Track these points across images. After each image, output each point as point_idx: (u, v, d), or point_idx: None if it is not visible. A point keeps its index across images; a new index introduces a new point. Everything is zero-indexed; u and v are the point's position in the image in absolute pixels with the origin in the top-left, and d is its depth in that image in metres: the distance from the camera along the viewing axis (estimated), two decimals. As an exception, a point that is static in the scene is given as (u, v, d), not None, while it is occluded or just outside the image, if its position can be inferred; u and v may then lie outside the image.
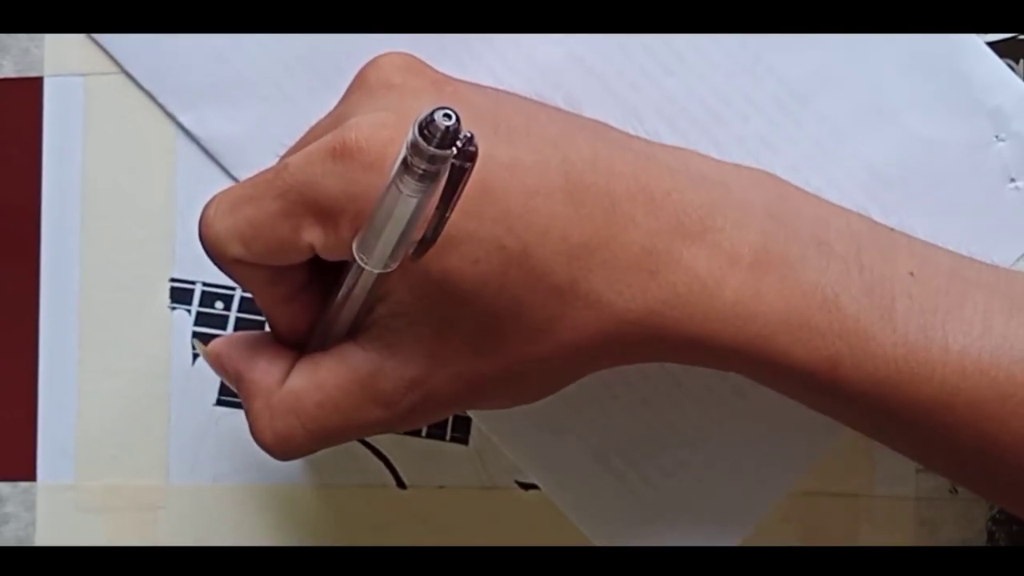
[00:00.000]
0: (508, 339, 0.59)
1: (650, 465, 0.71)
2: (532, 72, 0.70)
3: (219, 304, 0.73)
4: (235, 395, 0.71)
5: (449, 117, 0.50)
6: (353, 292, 0.59)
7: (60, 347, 0.73)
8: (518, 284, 0.58)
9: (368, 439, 0.73)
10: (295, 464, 0.73)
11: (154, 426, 0.73)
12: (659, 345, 0.60)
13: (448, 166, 0.52)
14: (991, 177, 0.70)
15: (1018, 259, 0.70)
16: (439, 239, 0.55)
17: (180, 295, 0.73)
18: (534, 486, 0.73)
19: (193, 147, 0.72)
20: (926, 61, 0.70)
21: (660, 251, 0.59)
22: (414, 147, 0.51)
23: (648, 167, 0.60)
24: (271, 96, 0.71)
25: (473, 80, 0.68)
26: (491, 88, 0.66)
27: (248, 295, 0.72)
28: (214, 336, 0.71)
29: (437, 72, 0.63)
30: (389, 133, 0.56)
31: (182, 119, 0.72)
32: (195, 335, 0.73)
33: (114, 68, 0.72)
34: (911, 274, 0.61)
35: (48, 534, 0.73)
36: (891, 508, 0.72)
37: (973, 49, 0.70)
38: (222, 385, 0.73)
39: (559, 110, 0.65)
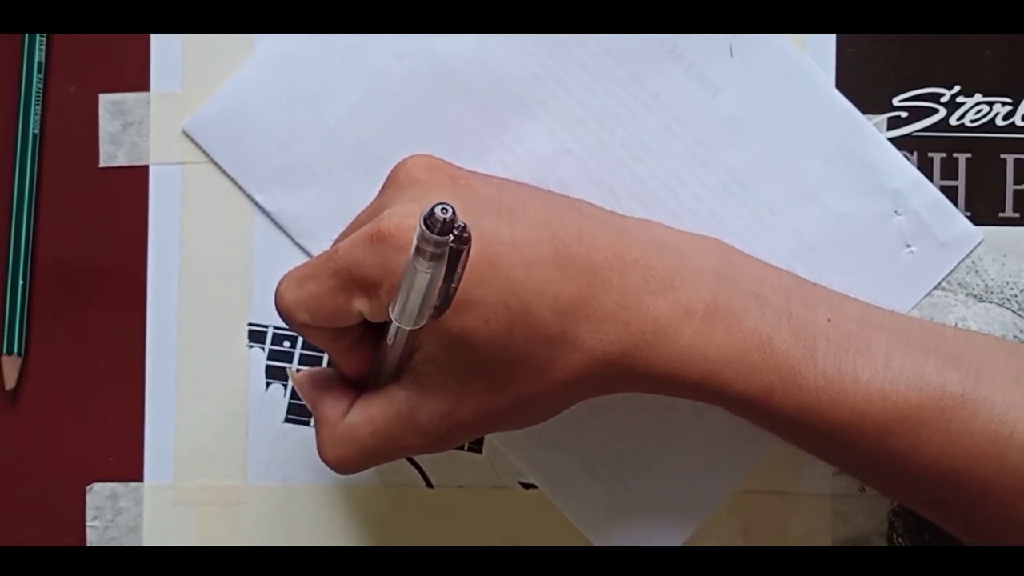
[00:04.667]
0: (515, 380, 0.60)
1: (625, 470, 0.72)
2: (531, 161, 0.70)
3: (287, 343, 0.73)
4: (299, 415, 0.72)
5: (446, 211, 0.52)
6: (393, 344, 0.60)
7: (162, 377, 0.73)
8: (521, 337, 0.59)
9: (405, 449, 0.73)
10: None
11: (236, 438, 0.73)
12: (632, 380, 0.61)
13: (448, 249, 0.53)
14: (891, 244, 0.71)
15: (913, 307, 0.70)
16: (453, 303, 0.56)
17: (256, 336, 0.73)
18: (534, 486, 0.73)
19: (266, 220, 0.72)
20: (840, 153, 0.70)
21: (631, 306, 0.60)
22: (421, 236, 0.53)
23: (621, 239, 0.61)
24: (327, 180, 0.72)
25: (486, 167, 0.69)
26: (496, 178, 0.66)
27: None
28: (283, 368, 0.73)
29: (454, 168, 0.64)
30: (414, 221, 0.56)
31: (257, 198, 0.72)
32: (269, 368, 0.73)
33: (205, 159, 0.73)
34: (828, 320, 0.62)
35: (152, 523, 0.73)
36: (813, 503, 0.72)
37: (877, 144, 0.71)
38: (289, 407, 0.73)
39: (551, 193, 0.66)
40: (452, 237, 0.53)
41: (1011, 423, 0.60)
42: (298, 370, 0.66)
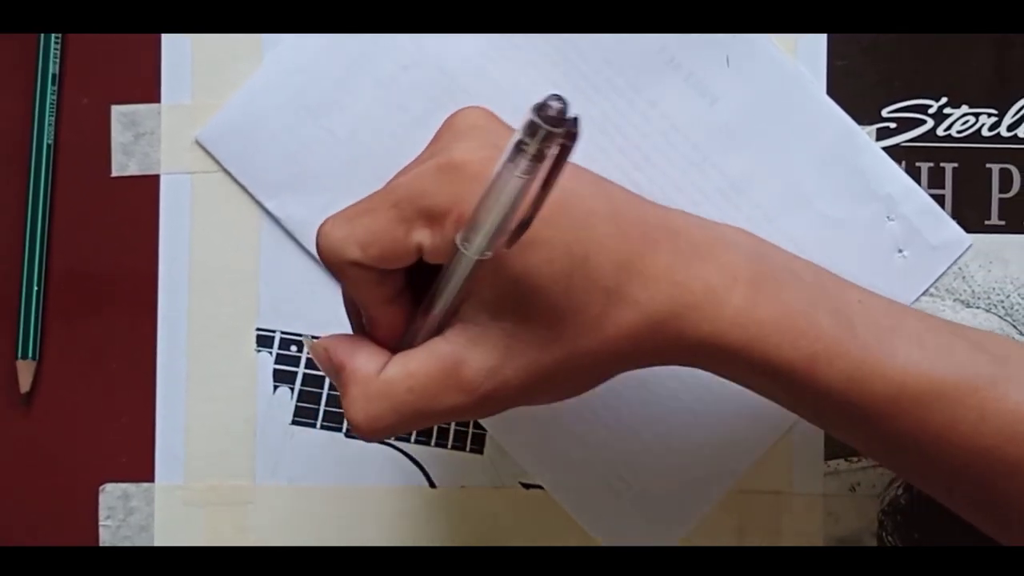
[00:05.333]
0: (567, 332, 0.57)
1: (624, 469, 0.72)
2: (533, 169, 0.71)
3: (293, 348, 0.73)
4: (307, 416, 0.72)
5: (559, 100, 0.48)
6: (448, 286, 0.56)
7: (173, 380, 0.73)
8: (579, 284, 0.56)
9: (405, 450, 0.73)
10: (353, 468, 0.73)
11: (244, 440, 0.73)
12: (676, 347, 0.59)
13: (555, 147, 0.49)
14: (883, 248, 0.71)
15: (904, 311, 0.71)
16: (525, 233, 0.53)
17: (264, 341, 0.73)
18: (534, 486, 0.73)
19: (274, 227, 0.73)
20: (833, 160, 0.71)
21: (680, 267, 0.58)
22: (530, 127, 0.49)
23: (665, 210, 0.61)
24: (334, 187, 0.72)
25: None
26: None
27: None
28: (290, 372, 0.73)
29: (507, 124, 0.61)
30: (486, 153, 0.54)
31: (267, 205, 0.72)
32: (277, 371, 0.73)
33: (215, 167, 0.73)
34: (859, 301, 0.61)
35: (163, 523, 0.74)
36: (805, 503, 0.72)
37: (869, 151, 0.71)
38: (296, 408, 0.73)
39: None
40: (564, 130, 0.49)
41: None
42: (314, 338, 0.63)
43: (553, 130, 0.48)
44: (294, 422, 0.73)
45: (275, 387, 0.73)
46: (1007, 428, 0.59)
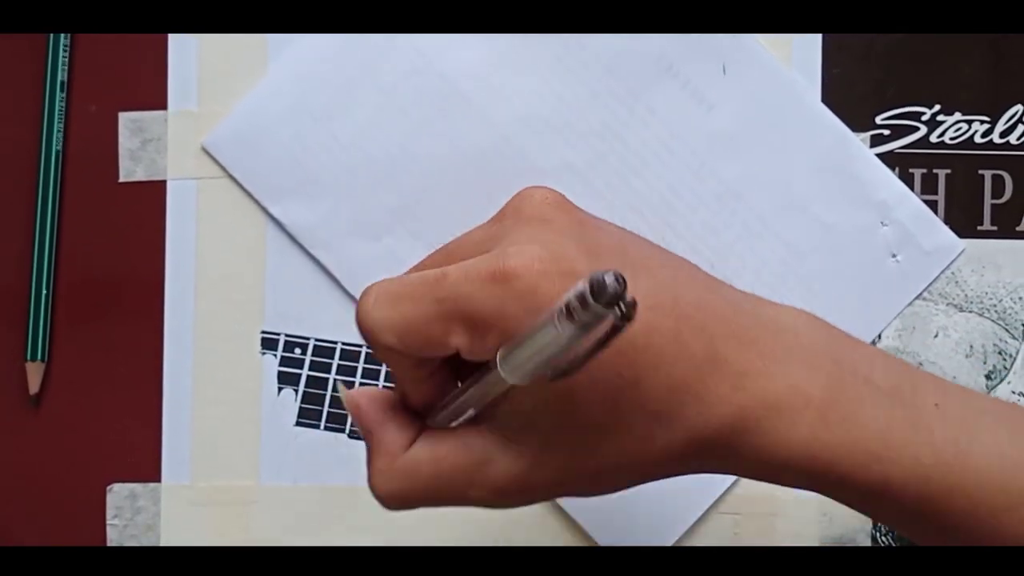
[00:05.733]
0: (603, 450, 0.53)
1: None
2: (534, 175, 0.71)
3: (297, 350, 0.73)
4: (311, 417, 0.72)
5: (619, 282, 0.44)
6: (485, 390, 0.52)
7: (179, 382, 0.74)
8: (626, 408, 0.52)
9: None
10: (356, 469, 0.71)
11: (249, 441, 0.74)
12: (729, 463, 0.55)
13: (606, 323, 0.45)
14: (877, 253, 0.71)
15: (896, 316, 0.71)
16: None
17: (268, 343, 0.73)
18: (535, 486, 0.73)
19: (278, 233, 0.73)
20: (828, 166, 0.71)
21: (748, 389, 0.53)
22: (581, 299, 0.44)
23: (736, 314, 0.54)
24: (338, 192, 0.72)
25: (490, 180, 0.69)
26: (616, 228, 0.58)
27: (321, 343, 0.73)
28: (294, 374, 0.73)
29: (580, 211, 0.56)
30: (542, 267, 0.50)
31: (271, 210, 0.73)
32: (281, 373, 0.73)
33: (220, 173, 0.73)
34: (936, 405, 0.56)
35: (169, 522, 0.74)
36: (800, 503, 0.73)
37: (863, 157, 0.71)
38: (300, 410, 0.73)
39: (663, 251, 0.58)
40: (619, 313, 0.44)
41: None
42: (347, 384, 0.60)
43: (601, 311, 0.44)
44: (298, 423, 0.74)
45: (279, 389, 0.74)
46: None
